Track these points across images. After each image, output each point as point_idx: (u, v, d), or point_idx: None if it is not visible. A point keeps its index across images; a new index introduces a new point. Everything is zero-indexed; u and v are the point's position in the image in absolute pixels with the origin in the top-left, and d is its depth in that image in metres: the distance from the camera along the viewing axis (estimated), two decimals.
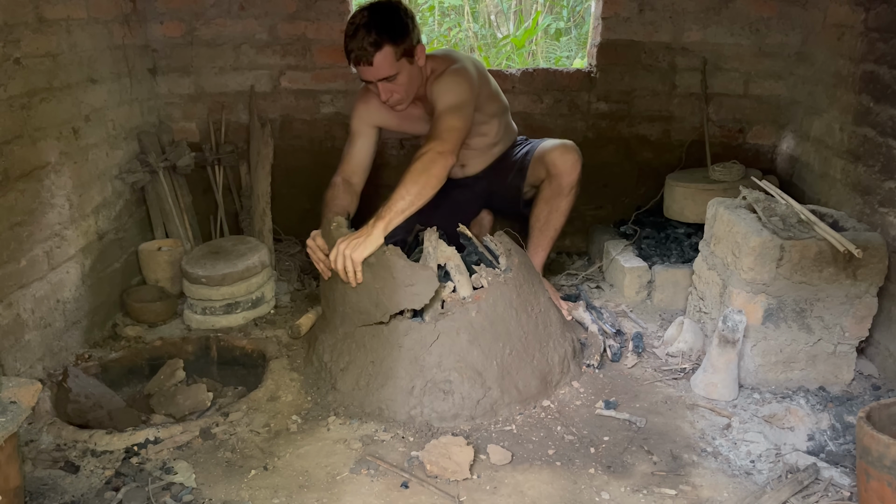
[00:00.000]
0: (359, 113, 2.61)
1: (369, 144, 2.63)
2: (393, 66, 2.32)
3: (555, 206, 2.65)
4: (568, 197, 2.63)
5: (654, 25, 3.10)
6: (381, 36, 2.27)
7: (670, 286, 2.79)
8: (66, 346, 2.38)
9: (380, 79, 2.34)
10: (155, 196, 3.04)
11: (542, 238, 2.70)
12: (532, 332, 2.20)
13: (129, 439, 1.93)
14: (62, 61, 2.38)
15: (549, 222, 2.67)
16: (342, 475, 1.83)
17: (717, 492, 1.80)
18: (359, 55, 2.29)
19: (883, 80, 2.37)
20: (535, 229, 2.70)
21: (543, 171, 2.65)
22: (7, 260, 2.08)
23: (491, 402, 2.07)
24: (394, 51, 2.30)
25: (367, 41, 2.26)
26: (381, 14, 2.30)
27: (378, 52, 2.28)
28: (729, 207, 2.36)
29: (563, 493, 1.78)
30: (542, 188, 2.68)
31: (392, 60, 2.31)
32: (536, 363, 2.18)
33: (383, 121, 2.61)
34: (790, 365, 2.24)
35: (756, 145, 3.29)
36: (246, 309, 2.70)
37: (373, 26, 2.27)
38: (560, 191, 2.62)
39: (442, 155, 2.22)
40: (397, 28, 2.31)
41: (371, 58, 2.28)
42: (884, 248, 2.11)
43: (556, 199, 2.64)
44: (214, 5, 3.09)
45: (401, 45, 2.32)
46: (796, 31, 3.06)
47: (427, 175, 2.18)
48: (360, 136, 2.61)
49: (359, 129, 2.61)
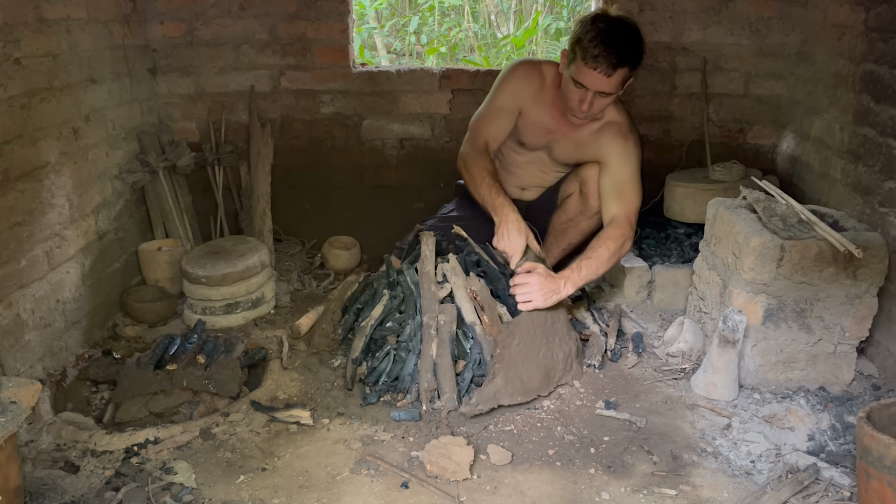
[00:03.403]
0: (512, 87, 2.55)
1: (510, 123, 2.59)
2: (616, 88, 2.33)
3: (576, 223, 2.64)
4: (591, 220, 2.61)
5: (654, 25, 3.10)
6: (630, 56, 2.28)
7: (670, 286, 2.79)
8: (66, 346, 2.38)
9: (598, 91, 2.32)
10: (155, 196, 3.03)
11: (555, 247, 2.70)
12: (540, 327, 2.21)
13: (129, 439, 1.93)
14: (62, 61, 2.38)
15: (566, 236, 2.66)
16: (342, 475, 1.83)
17: (718, 492, 1.80)
18: (601, 62, 2.25)
19: (883, 80, 2.37)
20: (551, 235, 2.70)
21: (576, 185, 2.62)
22: (7, 260, 2.08)
23: (494, 390, 2.07)
24: (627, 74, 2.31)
25: (619, 55, 2.25)
26: (633, 34, 2.31)
27: (620, 69, 2.27)
28: (729, 207, 2.36)
29: (564, 493, 1.78)
30: (568, 202, 2.66)
31: (619, 83, 2.32)
32: (542, 357, 2.18)
33: (525, 110, 2.56)
34: (790, 365, 2.23)
35: (756, 145, 3.29)
36: (246, 309, 2.70)
37: (629, 44, 2.27)
38: (585, 210, 2.60)
39: (630, 230, 2.39)
40: (638, 54, 2.32)
41: (612, 70, 2.26)
42: (884, 248, 2.10)
43: (579, 218, 2.63)
44: (214, 5, 3.09)
45: (632, 72, 2.33)
46: (796, 31, 3.05)
47: (618, 257, 2.37)
48: (506, 113, 2.57)
49: (504, 104, 2.56)
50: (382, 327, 2.36)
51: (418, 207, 3.33)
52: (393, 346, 2.27)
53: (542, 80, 2.54)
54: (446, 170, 3.20)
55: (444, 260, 2.46)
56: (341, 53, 3.18)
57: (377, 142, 3.34)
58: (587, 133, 2.53)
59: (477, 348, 2.22)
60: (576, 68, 2.31)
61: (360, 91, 3.24)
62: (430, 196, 3.32)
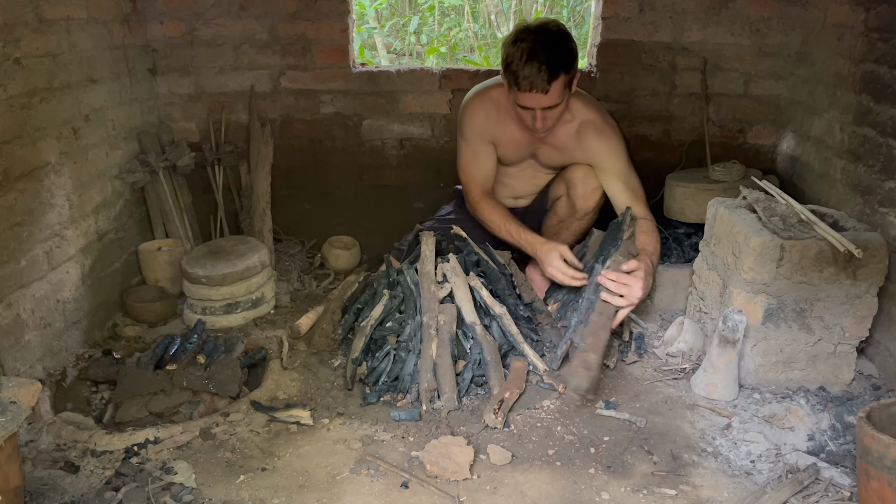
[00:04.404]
0: (477, 129, 2.56)
1: (492, 157, 2.61)
2: (561, 96, 2.28)
3: (566, 224, 2.65)
4: (581, 221, 2.62)
5: (654, 25, 3.10)
6: (558, 65, 2.21)
7: (670, 286, 2.79)
8: (66, 346, 2.38)
9: (544, 107, 2.28)
10: (155, 196, 3.03)
11: None
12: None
13: (129, 439, 1.93)
14: (62, 61, 2.38)
15: (559, 237, 2.66)
16: (342, 475, 1.83)
17: (718, 492, 1.80)
18: (534, 83, 2.21)
19: (883, 80, 2.37)
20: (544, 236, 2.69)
21: (563, 187, 2.63)
22: (7, 260, 2.08)
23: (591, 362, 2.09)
24: (565, 80, 2.26)
25: (547, 70, 2.19)
26: (554, 40, 2.23)
27: (555, 82, 2.22)
28: (729, 207, 2.36)
29: (564, 493, 1.78)
30: (557, 204, 2.67)
31: (562, 90, 2.27)
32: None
33: (497, 138, 2.58)
34: (790, 365, 2.23)
35: (756, 145, 3.29)
36: (246, 309, 2.70)
37: (551, 54, 2.20)
38: (574, 212, 2.61)
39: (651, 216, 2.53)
40: (571, 55, 2.26)
41: (548, 87, 2.21)
42: (884, 248, 2.10)
43: (569, 220, 2.64)
44: (214, 5, 3.09)
45: (570, 74, 2.27)
46: (796, 31, 3.05)
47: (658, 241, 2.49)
48: (482, 151, 2.60)
49: (478, 146, 2.59)
50: (382, 327, 2.36)
51: (418, 207, 3.33)
52: (393, 346, 2.27)
53: (497, 104, 2.53)
54: (446, 170, 3.20)
55: (444, 260, 2.46)
56: (341, 53, 3.18)
57: (377, 142, 3.34)
58: (566, 137, 2.52)
59: (477, 348, 2.22)
60: (514, 94, 2.30)
61: (360, 91, 3.24)
62: (430, 196, 3.32)
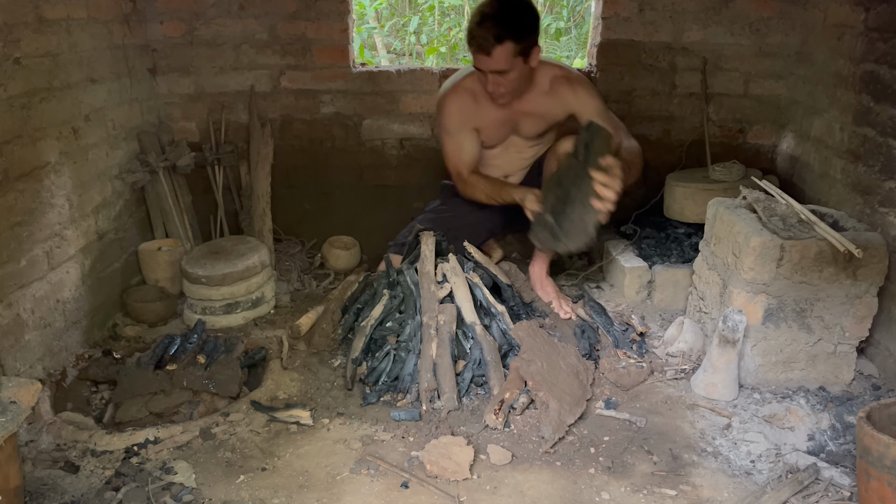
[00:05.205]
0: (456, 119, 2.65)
1: (475, 142, 2.69)
2: (509, 62, 2.38)
3: None
4: None
5: (654, 25, 3.10)
6: (505, 30, 2.32)
7: (670, 286, 2.79)
8: (66, 346, 2.38)
9: (493, 70, 2.40)
10: (155, 196, 3.03)
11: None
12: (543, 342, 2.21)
13: (129, 439, 1.93)
14: (62, 61, 2.38)
15: None
16: (342, 475, 1.83)
17: (718, 492, 1.80)
18: (480, 44, 2.35)
19: (883, 80, 2.37)
20: None
21: (554, 162, 2.64)
22: (7, 260, 2.08)
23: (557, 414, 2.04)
24: (514, 48, 2.35)
25: (492, 33, 2.31)
26: (510, 9, 2.36)
27: (499, 46, 2.33)
28: (729, 207, 2.36)
29: (563, 493, 1.78)
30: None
31: (510, 57, 2.36)
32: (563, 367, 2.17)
33: (478, 124, 2.66)
34: (790, 365, 2.23)
35: (756, 145, 3.29)
36: (246, 309, 2.70)
37: (500, 20, 2.32)
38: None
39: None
40: (522, 26, 2.37)
41: (491, 49, 2.33)
42: (884, 248, 2.10)
43: None
44: (214, 5, 3.09)
45: (521, 44, 2.37)
46: (796, 31, 3.06)
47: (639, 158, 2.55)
48: (466, 140, 2.67)
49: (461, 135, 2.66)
50: (382, 327, 2.36)
51: (418, 207, 3.32)
52: (393, 345, 2.27)
53: (471, 92, 2.63)
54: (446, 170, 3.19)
55: (444, 260, 2.46)
56: (341, 53, 3.18)
57: (377, 142, 3.34)
58: (540, 99, 2.61)
59: (477, 348, 2.22)
60: (472, 57, 2.45)
61: (360, 91, 3.24)
62: (430, 196, 3.31)
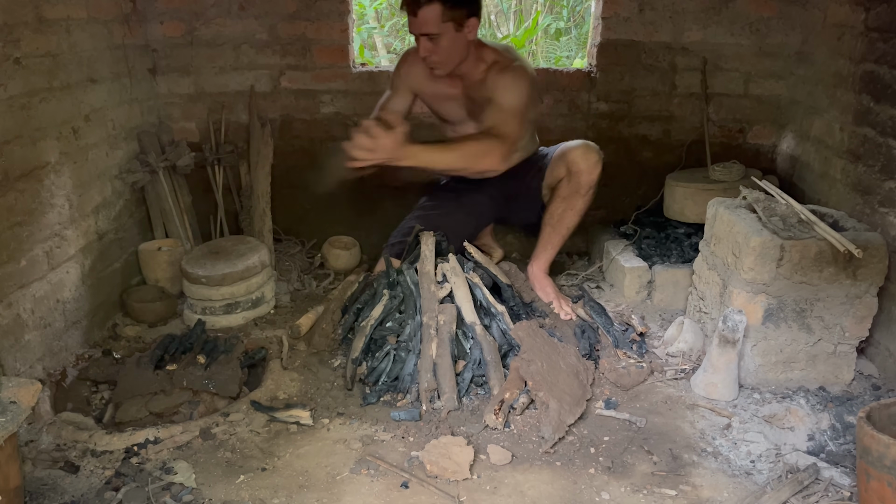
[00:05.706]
0: (399, 73, 2.74)
1: (405, 102, 2.74)
2: (437, 26, 2.38)
3: (571, 204, 2.67)
4: (585, 197, 2.66)
5: (654, 25, 3.10)
6: None
7: (670, 286, 2.79)
8: (66, 346, 2.38)
9: (422, 33, 2.41)
10: (155, 196, 3.03)
11: (554, 235, 2.73)
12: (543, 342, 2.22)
13: (129, 439, 1.93)
14: (62, 61, 2.38)
15: (563, 220, 2.70)
16: (342, 475, 1.83)
17: (718, 492, 1.80)
18: (409, 4, 2.37)
19: (883, 80, 2.37)
20: (548, 226, 2.73)
21: (563, 169, 2.68)
22: (7, 260, 2.08)
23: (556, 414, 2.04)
24: (442, 11, 2.36)
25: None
26: None
27: (426, 7, 2.34)
28: (729, 207, 2.36)
29: (563, 493, 1.78)
30: (559, 186, 2.71)
31: (437, 20, 2.37)
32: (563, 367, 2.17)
33: (419, 89, 2.71)
34: (790, 365, 2.23)
35: (756, 145, 3.29)
36: (246, 309, 2.70)
37: None
38: (578, 189, 2.65)
39: (500, 150, 2.33)
40: None
41: (417, 9, 2.35)
42: (884, 248, 2.10)
43: (573, 198, 2.67)
44: (214, 5, 3.09)
45: (452, 10, 2.37)
46: (796, 31, 3.05)
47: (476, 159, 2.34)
48: (398, 93, 2.74)
49: (397, 85, 2.74)
50: (382, 327, 2.36)
51: None
52: (393, 346, 2.27)
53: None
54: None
55: (444, 260, 2.46)
56: (341, 53, 3.18)
57: None
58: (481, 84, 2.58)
59: (477, 348, 2.22)
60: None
61: (360, 91, 3.24)
62: None
